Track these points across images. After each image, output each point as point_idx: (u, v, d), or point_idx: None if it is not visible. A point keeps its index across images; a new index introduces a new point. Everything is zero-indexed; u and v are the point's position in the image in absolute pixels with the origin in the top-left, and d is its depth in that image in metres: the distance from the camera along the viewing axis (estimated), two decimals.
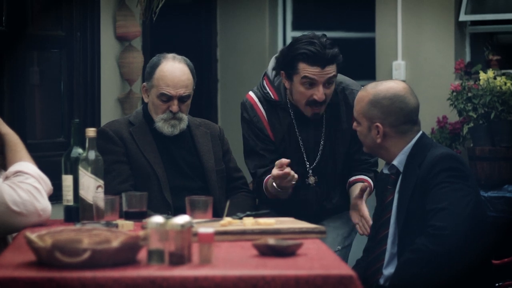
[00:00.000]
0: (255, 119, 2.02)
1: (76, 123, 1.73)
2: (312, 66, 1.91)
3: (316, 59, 1.90)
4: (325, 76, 1.93)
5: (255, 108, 2.03)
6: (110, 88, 3.01)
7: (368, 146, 1.79)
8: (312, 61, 1.90)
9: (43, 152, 2.26)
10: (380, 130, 1.74)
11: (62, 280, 1.17)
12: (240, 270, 1.22)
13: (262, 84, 2.04)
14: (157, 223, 1.27)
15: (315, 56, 1.90)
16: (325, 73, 1.92)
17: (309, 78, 1.92)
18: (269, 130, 2.02)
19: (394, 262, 1.73)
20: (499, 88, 2.89)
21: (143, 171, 1.99)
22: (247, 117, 2.04)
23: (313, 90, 1.93)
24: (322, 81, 1.93)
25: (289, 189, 1.93)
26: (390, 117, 1.74)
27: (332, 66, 1.94)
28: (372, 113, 1.75)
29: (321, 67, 1.91)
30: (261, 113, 2.02)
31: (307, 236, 1.53)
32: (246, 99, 2.06)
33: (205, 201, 1.66)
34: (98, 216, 1.62)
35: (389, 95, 1.75)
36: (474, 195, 1.70)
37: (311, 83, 1.93)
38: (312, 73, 1.91)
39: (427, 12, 3.25)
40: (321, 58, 1.90)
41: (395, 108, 1.75)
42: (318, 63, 1.91)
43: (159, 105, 2.00)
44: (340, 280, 1.19)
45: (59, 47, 2.86)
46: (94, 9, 2.92)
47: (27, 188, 1.56)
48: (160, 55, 2.05)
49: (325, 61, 1.91)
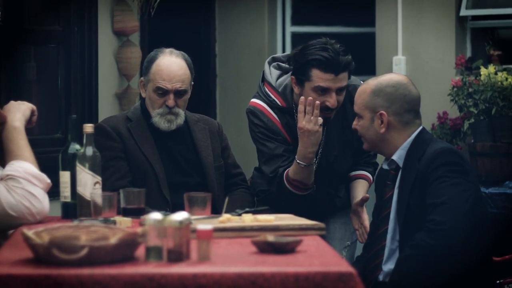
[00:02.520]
0: (270, 123, 1.97)
1: (73, 119, 1.72)
2: (326, 73, 1.87)
3: (330, 65, 1.86)
4: (338, 84, 1.89)
5: (266, 113, 1.98)
6: (107, 84, 2.99)
7: (370, 140, 1.77)
8: (326, 68, 1.86)
9: (40, 148, 2.24)
10: (385, 118, 1.73)
11: (60, 277, 1.16)
12: (239, 267, 1.21)
13: (265, 92, 1.99)
14: (155, 219, 1.26)
15: (329, 62, 1.86)
16: (338, 80, 1.88)
17: (321, 87, 1.89)
18: (285, 133, 1.98)
19: (394, 258, 1.72)
20: (500, 84, 2.88)
21: (141, 168, 1.98)
22: (260, 123, 1.98)
23: (326, 97, 1.90)
24: (335, 88, 1.89)
25: (315, 146, 1.86)
26: (394, 104, 1.73)
27: (345, 74, 1.90)
28: (376, 102, 1.74)
29: (335, 74, 1.87)
30: (273, 117, 1.97)
31: (306, 233, 1.52)
32: (253, 107, 2.00)
33: (204, 198, 1.65)
34: (95, 212, 1.62)
35: (392, 83, 1.75)
36: (474, 191, 1.69)
37: (323, 89, 1.89)
38: (325, 81, 1.88)
39: (428, 7, 3.23)
40: (335, 65, 1.86)
41: (399, 94, 1.74)
42: (332, 70, 1.87)
43: (155, 100, 1.99)
44: (339, 277, 1.18)
45: (56, 42, 2.84)
46: (92, 4, 2.90)
47: (21, 194, 1.55)
48: (157, 50, 2.03)
49: (339, 68, 1.87)
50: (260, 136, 2.00)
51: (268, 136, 1.99)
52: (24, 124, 1.67)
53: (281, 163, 1.97)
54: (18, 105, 1.69)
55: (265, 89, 2.00)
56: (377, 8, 3.33)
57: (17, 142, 1.64)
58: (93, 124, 1.69)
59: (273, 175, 1.98)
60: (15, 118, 1.66)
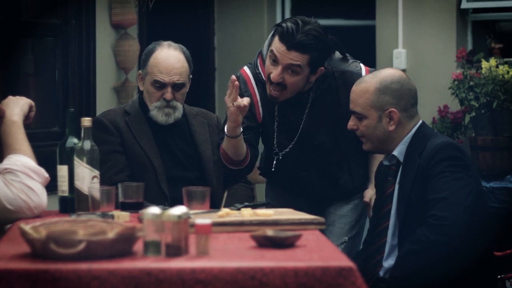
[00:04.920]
0: (246, 94, 1.95)
1: (71, 112, 1.71)
2: (280, 42, 1.84)
3: (284, 36, 1.83)
4: (285, 60, 1.83)
5: (248, 84, 1.96)
6: (105, 77, 2.98)
7: (376, 139, 1.75)
8: (281, 37, 1.84)
9: (38, 142, 2.23)
10: (395, 115, 1.72)
11: (57, 272, 1.15)
12: (238, 262, 1.20)
13: (256, 63, 1.98)
14: (153, 214, 1.25)
15: (285, 32, 1.83)
16: (287, 56, 1.82)
17: (274, 54, 1.86)
18: (257, 109, 1.95)
19: (394, 254, 1.71)
20: (502, 77, 2.86)
21: (139, 161, 1.97)
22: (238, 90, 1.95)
23: (275, 68, 1.86)
24: (283, 64, 1.84)
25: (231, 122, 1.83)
26: (402, 100, 1.72)
27: (298, 54, 1.82)
28: (383, 100, 1.72)
29: (286, 47, 1.83)
30: (253, 90, 1.95)
31: (306, 227, 1.51)
32: (239, 74, 1.99)
33: (203, 192, 1.64)
34: (93, 207, 1.61)
35: (396, 79, 1.73)
36: (475, 185, 1.68)
37: (274, 58, 1.86)
38: (277, 50, 1.84)
39: (428, 0, 3.21)
40: (289, 38, 1.82)
41: (405, 90, 1.73)
42: (284, 41, 1.83)
43: (153, 93, 1.97)
44: (339, 272, 1.17)
45: (54, 35, 2.82)
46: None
47: (19, 187, 1.55)
48: (156, 43, 2.02)
49: (290, 42, 1.81)
50: None
51: None
52: (22, 119, 1.66)
53: None
54: (17, 100, 1.69)
55: (257, 60, 1.99)
56: (378, 1, 3.31)
57: (15, 136, 1.63)
58: (91, 118, 1.68)
59: (219, 143, 1.96)
60: (14, 113, 1.66)
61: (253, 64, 1.99)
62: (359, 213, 2.06)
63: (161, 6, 3.08)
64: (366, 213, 2.05)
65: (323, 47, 1.86)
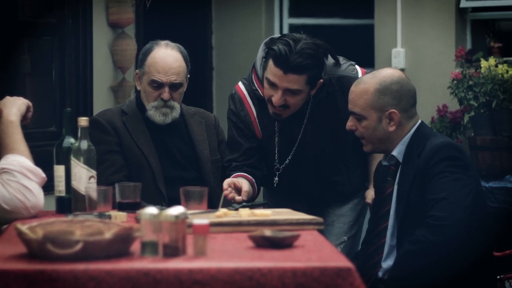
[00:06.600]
0: (243, 113, 1.96)
1: (68, 112, 1.70)
2: (276, 67, 1.81)
3: (279, 60, 1.79)
4: (284, 83, 1.80)
5: (244, 102, 1.95)
6: (102, 77, 2.97)
7: (376, 140, 1.74)
8: (276, 62, 1.80)
9: (35, 142, 2.22)
10: (396, 116, 1.71)
11: (54, 272, 1.14)
12: (236, 262, 1.20)
13: (251, 79, 1.96)
14: (151, 214, 1.25)
15: (280, 57, 1.79)
16: (286, 80, 1.79)
17: (270, 80, 1.83)
18: (255, 126, 1.95)
19: (393, 255, 1.71)
20: (501, 76, 2.86)
21: (136, 161, 1.96)
22: (234, 110, 1.97)
23: (274, 92, 1.84)
24: (282, 87, 1.82)
25: None
26: (402, 101, 1.72)
27: (296, 76, 1.79)
28: (383, 101, 1.71)
29: (283, 72, 1.80)
30: (249, 108, 1.95)
31: (304, 228, 1.51)
32: (235, 91, 1.98)
33: (200, 192, 1.63)
34: (90, 207, 1.60)
35: (396, 79, 1.73)
36: (475, 185, 1.68)
37: (271, 83, 1.84)
38: (274, 75, 1.81)
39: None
40: (284, 62, 1.79)
41: (405, 90, 1.72)
42: (281, 66, 1.80)
43: (150, 93, 1.97)
44: (338, 272, 1.17)
45: (50, 35, 2.81)
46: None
47: (16, 187, 1.54)
48: (153, 42, 2.01)
49: (287, 66, 1.77)
50: (232, 121, 1.99)
51: (237, 126, 1.97)
52: (19, 119, 1.66)
53: (238, 157, 1.96)
54: (14, 100, 1.69)
55: (251, 75, 1.97)
56: (376, 0, 3.30)
57: (12, 136, 1.63)
58: (88, 118, 1.67)
59: (227, 165, 1.98)
60: (11, 113, 1.65)
61: (248, 80, 1.97)
62: (358, 212, 2.06)
63: (159, 5, 3.07)
64: (365, 213, 2.04)
65: (319, 63, 1.84)
